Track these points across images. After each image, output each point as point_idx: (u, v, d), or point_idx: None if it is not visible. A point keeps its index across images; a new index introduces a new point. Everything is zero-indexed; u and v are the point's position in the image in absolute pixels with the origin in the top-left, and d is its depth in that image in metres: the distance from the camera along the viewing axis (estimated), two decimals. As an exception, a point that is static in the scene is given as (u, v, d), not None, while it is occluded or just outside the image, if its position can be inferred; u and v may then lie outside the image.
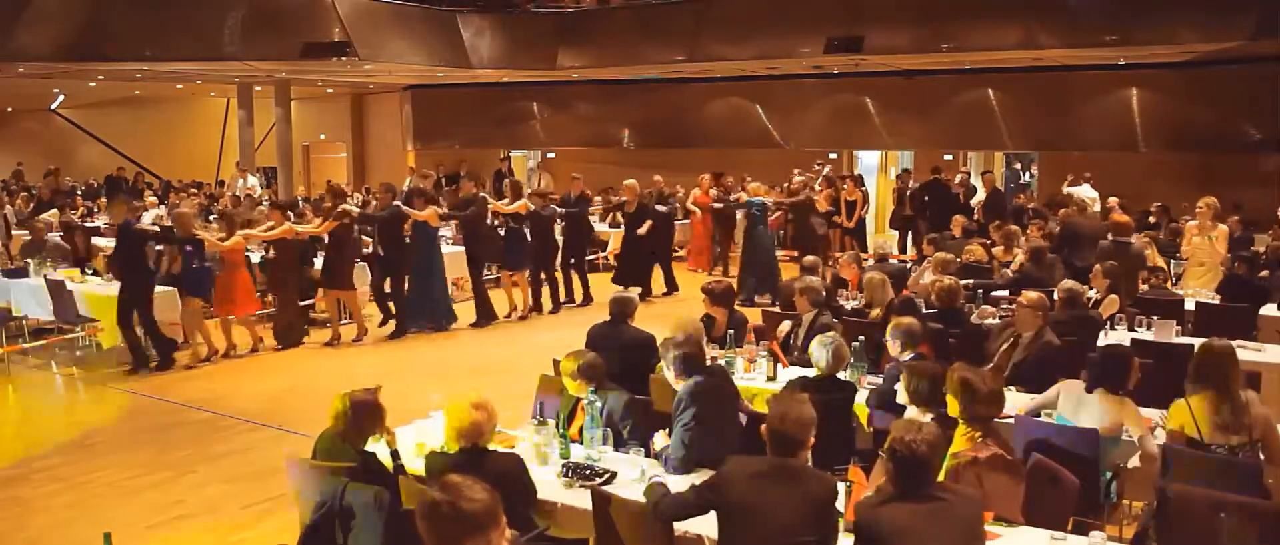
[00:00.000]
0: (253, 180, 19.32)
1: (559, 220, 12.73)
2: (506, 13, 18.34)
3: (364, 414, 4.57)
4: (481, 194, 12.21)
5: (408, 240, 11.34)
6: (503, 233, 12.54)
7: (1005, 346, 6.73)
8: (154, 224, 11.90)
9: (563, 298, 12.85)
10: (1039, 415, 5.44)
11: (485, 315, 11.93)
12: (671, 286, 13.76)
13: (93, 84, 20.59)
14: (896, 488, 3.66)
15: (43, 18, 15.05)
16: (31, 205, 16.93)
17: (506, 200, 12.23)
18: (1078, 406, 5.28)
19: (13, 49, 14.88)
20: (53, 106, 26.63)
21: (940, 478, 4.03)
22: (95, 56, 15.58)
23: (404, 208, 11.26)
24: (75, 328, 10.53)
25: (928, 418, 4.54)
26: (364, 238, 12.20)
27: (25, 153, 28.53)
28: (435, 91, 22.37)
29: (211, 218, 15.27)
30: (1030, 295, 6.68)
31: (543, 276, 12.53)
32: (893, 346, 5.93)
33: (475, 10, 17.96)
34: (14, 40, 14.83)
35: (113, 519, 6.09)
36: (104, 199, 18.36)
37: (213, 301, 10.08)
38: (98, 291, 10.13)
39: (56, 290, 10.14)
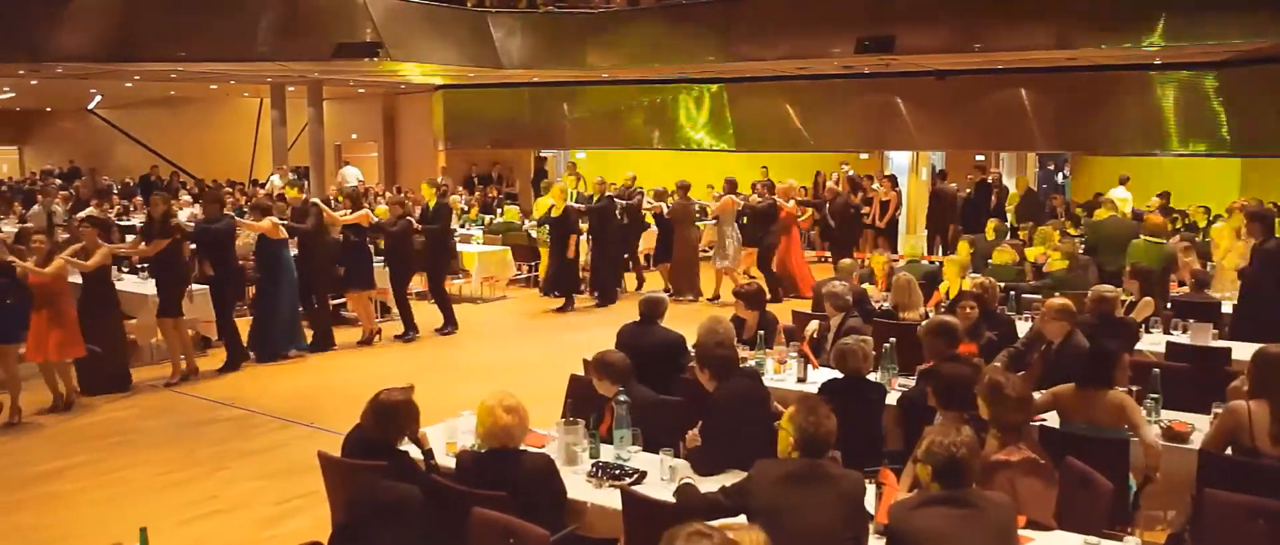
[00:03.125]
0: (278, 179, 19.47)
1: (418, 232, 11.54)
2: (537, 13, 18.39)
3: (397, 412, 4.59)
4: (313, 202, 11.21)
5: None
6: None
7: (1037, 354, 6.66)
8: (190, 222, 11.99)
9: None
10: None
11: (410, 326, 11.30)
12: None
13: (129, 84, 20.85)
14: (932, 491, 3.64)
15: (80, 19, 15.25)
16: (70, 204, 17.13)
17: (345, 211, 11.35)
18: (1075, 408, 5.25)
19: (51, 50, 15.09)
20: (90, 106, 26.98)
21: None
22: (131, 57, 15.78)
23: (240, 221, 10.40)
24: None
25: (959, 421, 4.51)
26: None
27: (64, 152, 29.00)
28: (466, 91, 22.46)
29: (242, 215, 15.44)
30: (1053, 302, 6.61)
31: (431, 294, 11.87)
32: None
33: (506, 11, 18.02)
34: (53, 41, 15.05)
35: (148, 513, 6.14)
36: (140, 198, 18.58)
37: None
38: (134, 289, 10.24)
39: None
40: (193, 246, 10.44)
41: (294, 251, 10.41)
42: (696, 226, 14.08)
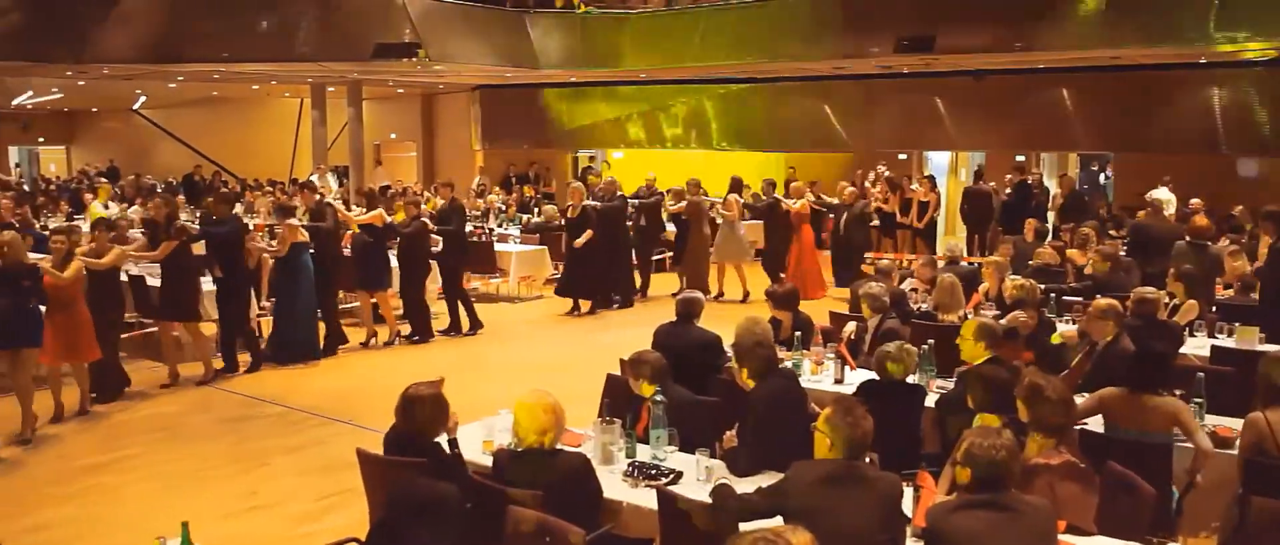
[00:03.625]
0: (329, 178, 19.70)
1: (434, 233, 11.34)
2: (574, 13, 18.42)
3: (422, 406, 4.61)
4: (329, 202, 11.20)
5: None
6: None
7: (1080, 356, 6.59)
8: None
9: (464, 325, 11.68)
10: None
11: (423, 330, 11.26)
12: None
13: (173, 85, 21.15)
14: (972, 494, 3.61)
15: (126, 21, 15.50)
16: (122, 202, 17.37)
17: (360, 210, 11.25)
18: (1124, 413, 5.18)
19: (97, 51, 15.35)
20: (135, 107, 27.39)
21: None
22: (175, 58, 16.00)
23: (288, 223, 10.01)
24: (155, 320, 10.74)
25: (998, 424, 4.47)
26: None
27: (109, 151, 29.47)
28: (504, 92, 22.56)
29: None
30: (1100, 303, 6.53)
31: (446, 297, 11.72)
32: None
33: (544, 11, 18.08)
34: (99, 43, 15.30)
35: (190, 507, 6.24)
36: (183, 197, 18.82)
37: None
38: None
39: (137, 285, 10.39)
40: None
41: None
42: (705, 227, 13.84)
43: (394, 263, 11.15)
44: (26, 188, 22.86)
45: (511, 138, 23.35)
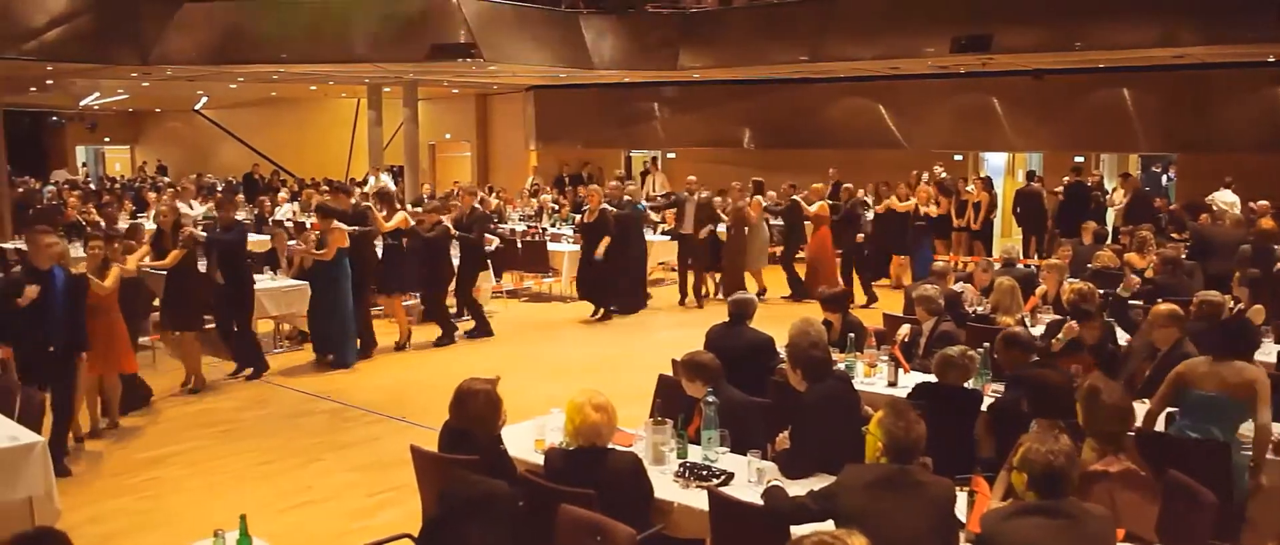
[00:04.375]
0: (386, 178, 19.91)
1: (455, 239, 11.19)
2: (628, 14, 18.47)
3: (474, 402, 4.64)
4: (367, 205, 11.13)
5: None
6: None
7: (1141, 360, 6.46)
8: (288, 220, 12.27)
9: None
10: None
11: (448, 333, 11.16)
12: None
13: (233, 86, 21.56)
14: (1029, 501, 3.55)
15: (189, 24, 15.84)
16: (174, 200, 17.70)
17: (384, 214, 10.95)
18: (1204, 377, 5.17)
19: (161, 53, 15.70)
20: (197, 107, 27.92)
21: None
22: (236, 60, 16.31)
23: (341, 226, 9.79)
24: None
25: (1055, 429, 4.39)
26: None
27: (171, 151, 30.10)
28: (557, 92, 22.66)
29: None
30: (1161, 308, 6.37)
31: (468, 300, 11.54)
32: None
33: (597, 12, 18.14)
34: (163, 45, 15.65)
35: (246, 501, 6.33)
36: (242, 196, 19.16)
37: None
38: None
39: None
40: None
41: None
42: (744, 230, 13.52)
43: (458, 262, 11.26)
44: (93, 186, 23.42)
45: (565, 138, 23.46)
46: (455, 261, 11.32)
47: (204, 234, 9.94)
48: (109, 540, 5.82)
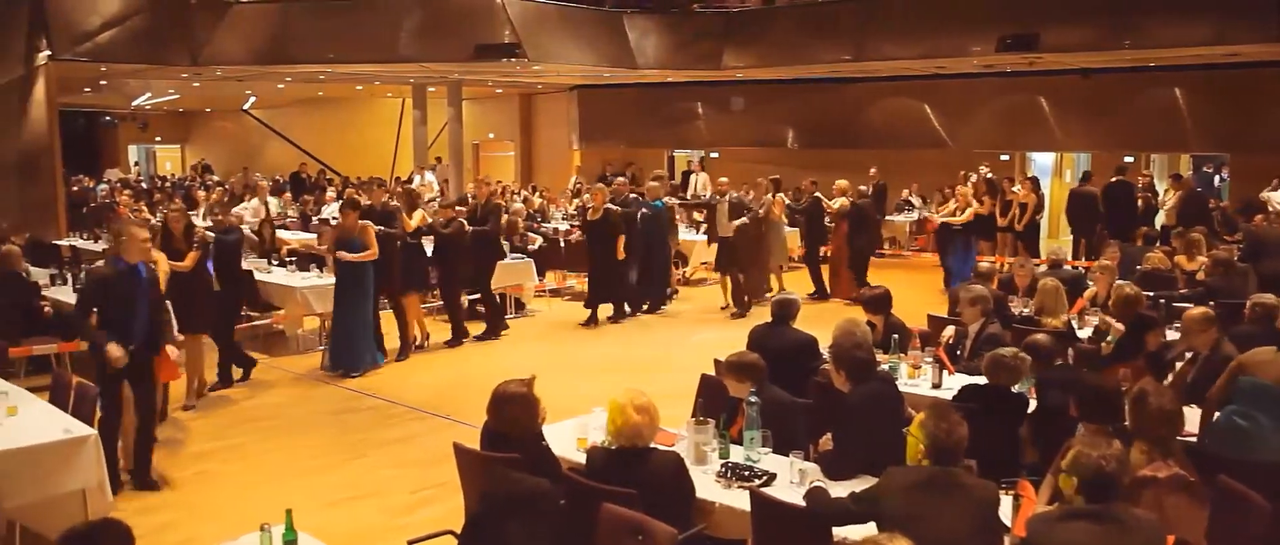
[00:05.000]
0: (431, 177, 20.08)
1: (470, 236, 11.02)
2: (672, 13, 18.46)
3: (511, 403, 4.66)
4: (395, 205, 10.84)
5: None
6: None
7: (1182, 364, 6.36)
8: (334, 218, 12.36)
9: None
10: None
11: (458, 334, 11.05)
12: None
13: (281, 86, 21.84)
14: (1077, 505, 3.50)
15: (239, 26, 16.09)
16: (226, 199, 17.97)
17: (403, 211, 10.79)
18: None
19: (211, 54, 15.94)
20: (245, 107, 28.32)
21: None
22: (284, 60, 16.53)
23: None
24: (262, 314, 11.09)
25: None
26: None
27: (220, 150, 30.54)
28: (601, 91, 22.70)
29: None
30: (1195, 311, 6.28)
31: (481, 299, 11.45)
32: None
33: (641, 11, 18.16)
34: (213, 46, 15.90)
35: (291, 496, 6.36)
36: (289, 194, 19.40)
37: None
38: (282, 281, 10.64)
39: (246, 279, 10.70)
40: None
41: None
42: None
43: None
44: (144, 185, 23.83)
45: (608, 137, 23.50)
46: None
47: (212, 235, 9.71)
48: (158, 532, 5.92)
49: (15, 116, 14.50)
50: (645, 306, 12.66)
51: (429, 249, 10.91)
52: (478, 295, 11.64)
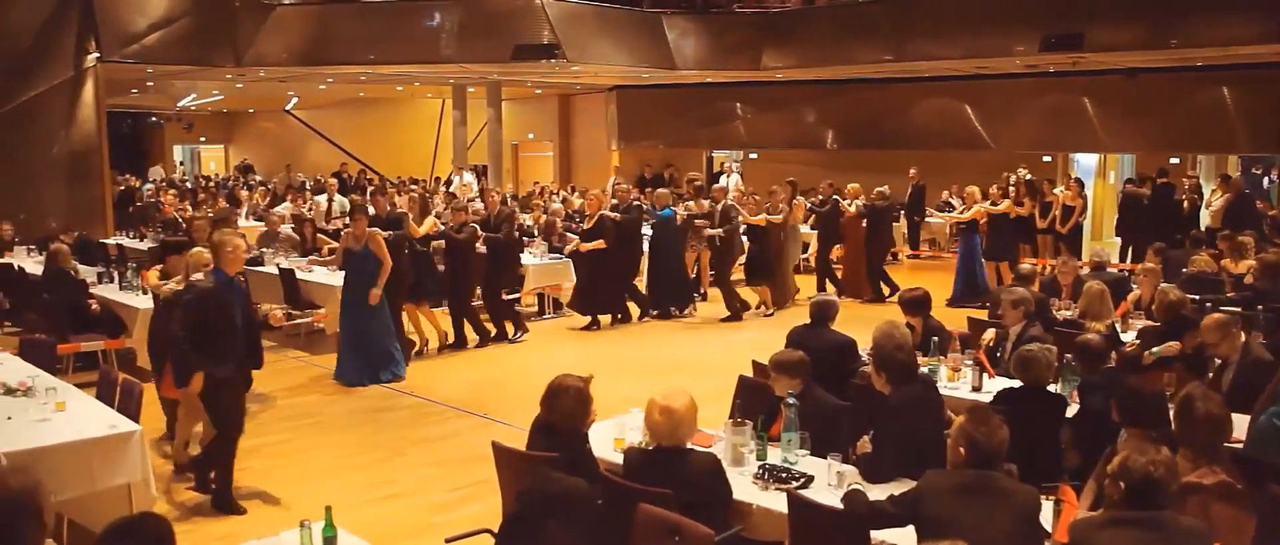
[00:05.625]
0: (469, 177, 20.17)
1: (482, 241, 10.92)
2: (711, 14, 18.43)
3: (564, 397, 4.68)
4: (401, 212, 10.79)
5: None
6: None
7: (1215, 371, 6.25)
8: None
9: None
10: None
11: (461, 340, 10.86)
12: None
13: (322, 86, 22.07)
14: (1122, 511, 3.44)
15: (281, 27, 16.28)
16: (268, 199, 18.20)
17: (411, 217, 10.65)
18: None
19: (254, 55, 16.15)
20: (287, 108, 28.62)
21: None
22: (325, 61, 16.71)
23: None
24: (303, 313, 11.19)
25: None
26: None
27: (263, 150, 30.90)
28: (640, 92, 22.71)
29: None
30: (1213, 318, 6.17)
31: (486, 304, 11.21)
32: None
33: (680, 12, 18.15)
34: (256, 47, 16.10)
35: (331, 493, 6.46)
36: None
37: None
38: (323, 280, 10.73)
39: (287, 278, 10.83)
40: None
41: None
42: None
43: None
44: (189, 184, 24.16)
45: (647, 138, 23.50)
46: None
47: None
48: (200, 528, 6.00)
49: (65, 117, 14.79)
50: (655, 313, 12.39)
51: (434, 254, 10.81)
52: (514, 296, 11.65)
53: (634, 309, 12.29)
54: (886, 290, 13.44)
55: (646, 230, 12.79)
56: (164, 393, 7.14)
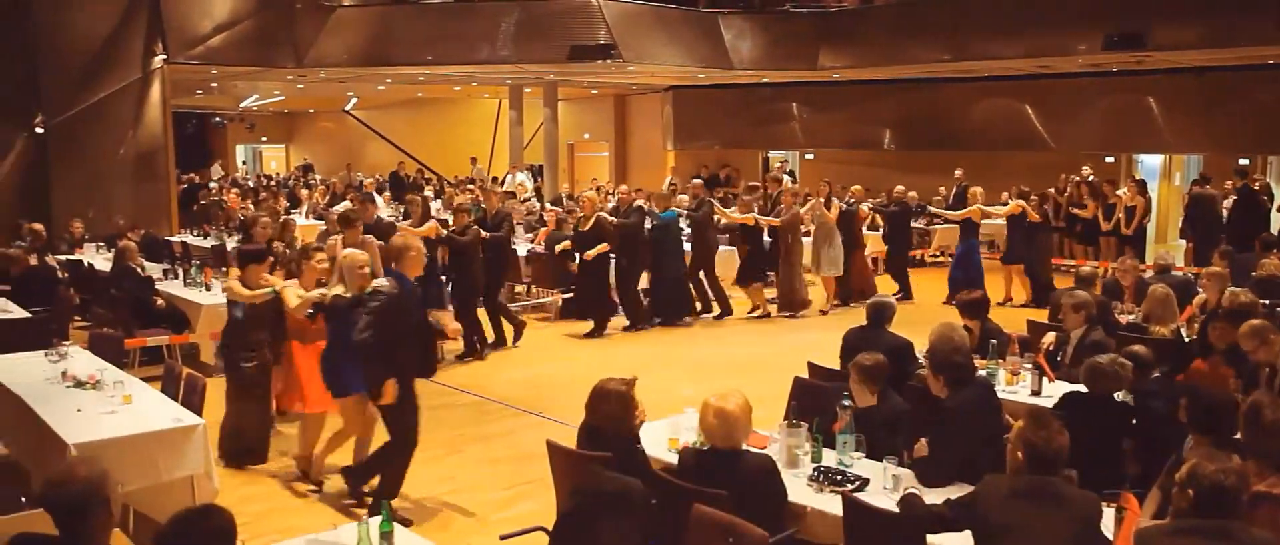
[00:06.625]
0: (522, 177, 20.31)
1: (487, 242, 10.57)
2: (768, 14, 18.35)
3: (607, 400, 4.69)
4: (390, 220, 10.47)
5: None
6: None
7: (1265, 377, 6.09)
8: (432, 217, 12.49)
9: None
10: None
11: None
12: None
13: (381, 87, 22.36)
14: (1190, 519, 3.37)
15: (341, 29, 16.53)
16: (328, 197, 18.46)
17: (410, 222, 10.61)
18: None
19: (315, 56, 16.40)
20: (347, 108, 29.03)
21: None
22: (384, 62, 16.93)
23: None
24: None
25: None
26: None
27: (322, 149, 31.37)
28: (695, 92, 22.68)
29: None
30: (1251, 324, 5.98)
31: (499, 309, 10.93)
32: None
33: (736, 12, 18.10)
34: (316, 48, 16.36)
35: (389, 490, 6.55)
36: (388, 193, 19.81)
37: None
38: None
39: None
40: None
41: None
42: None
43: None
44: (250, 183, 24.61)
45: (703, 138, 23.47)
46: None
47: None
48: (259, 520, 6.09)
49: (132, 117, 15.16)
50: (657, 320, 11.96)
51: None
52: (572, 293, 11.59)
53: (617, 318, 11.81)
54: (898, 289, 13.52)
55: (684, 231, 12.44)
56: (311, 407, 6.75)
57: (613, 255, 11.40)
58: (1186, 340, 7.51)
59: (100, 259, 12.34)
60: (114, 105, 14.96)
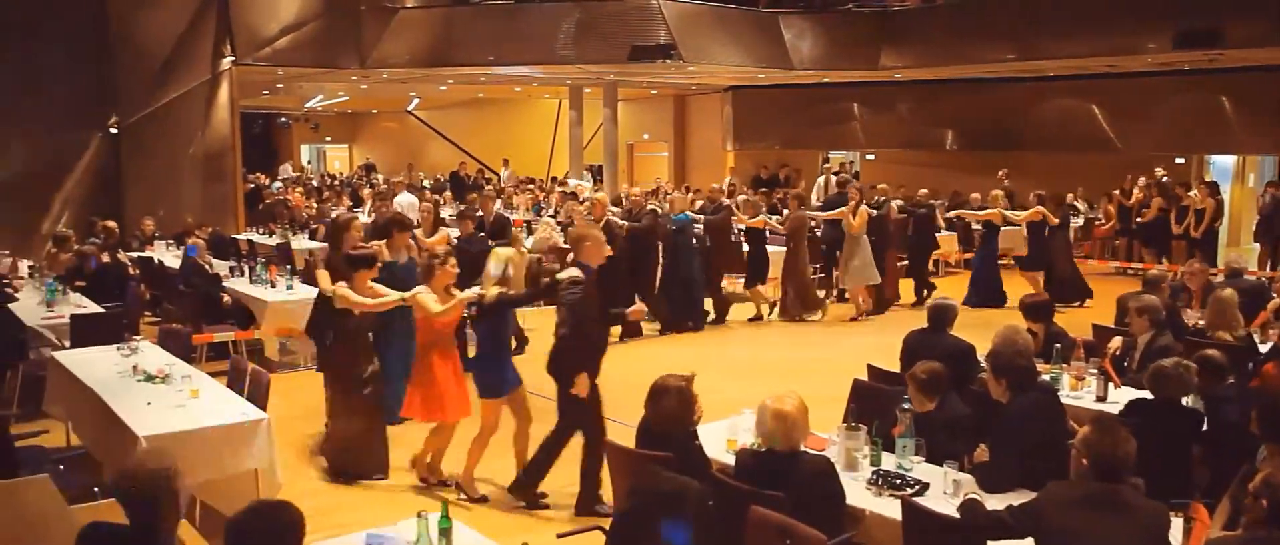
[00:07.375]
0: (577, 182, 20.37)
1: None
2: (828, 12, 18.22)
3: (666, 396, 4.69)
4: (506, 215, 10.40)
5: None
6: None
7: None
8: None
9: None
10: None
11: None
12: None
13: (443, 88, 22.59)
14: (1264, 530, 3.28)
15: (404, 30, 16.74)
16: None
17: (421, 230, 10.09)
18: None
19: (378, 57, 16.63)
20: (409, 108, 29.39)
21: None
22: (446, 62, 17.10)
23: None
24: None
25: None
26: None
27: (385, 149, 31.79)
28: (755, 92, 22.60)
29: (542, 213, 16.33)
30: None
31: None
32: None
33: (797, 11, 18.00)
34: (380, 49, 16.58)
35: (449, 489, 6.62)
36: (449, 192, 20.04)
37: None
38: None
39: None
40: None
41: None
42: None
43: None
44: (314, 183, 25.00)
45: (762, 138, 23.38)
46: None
47: None
48: (319, 514, 6.10)
49: (201, 118, 15.49)
50: (660, 327, 11.80)
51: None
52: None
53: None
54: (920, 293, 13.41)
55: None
56: (451, 417, 6.63)
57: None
58: (1259, 346, 7.33)
59: (170, 256, 12.62)
60: (184, 106, 15.30)
